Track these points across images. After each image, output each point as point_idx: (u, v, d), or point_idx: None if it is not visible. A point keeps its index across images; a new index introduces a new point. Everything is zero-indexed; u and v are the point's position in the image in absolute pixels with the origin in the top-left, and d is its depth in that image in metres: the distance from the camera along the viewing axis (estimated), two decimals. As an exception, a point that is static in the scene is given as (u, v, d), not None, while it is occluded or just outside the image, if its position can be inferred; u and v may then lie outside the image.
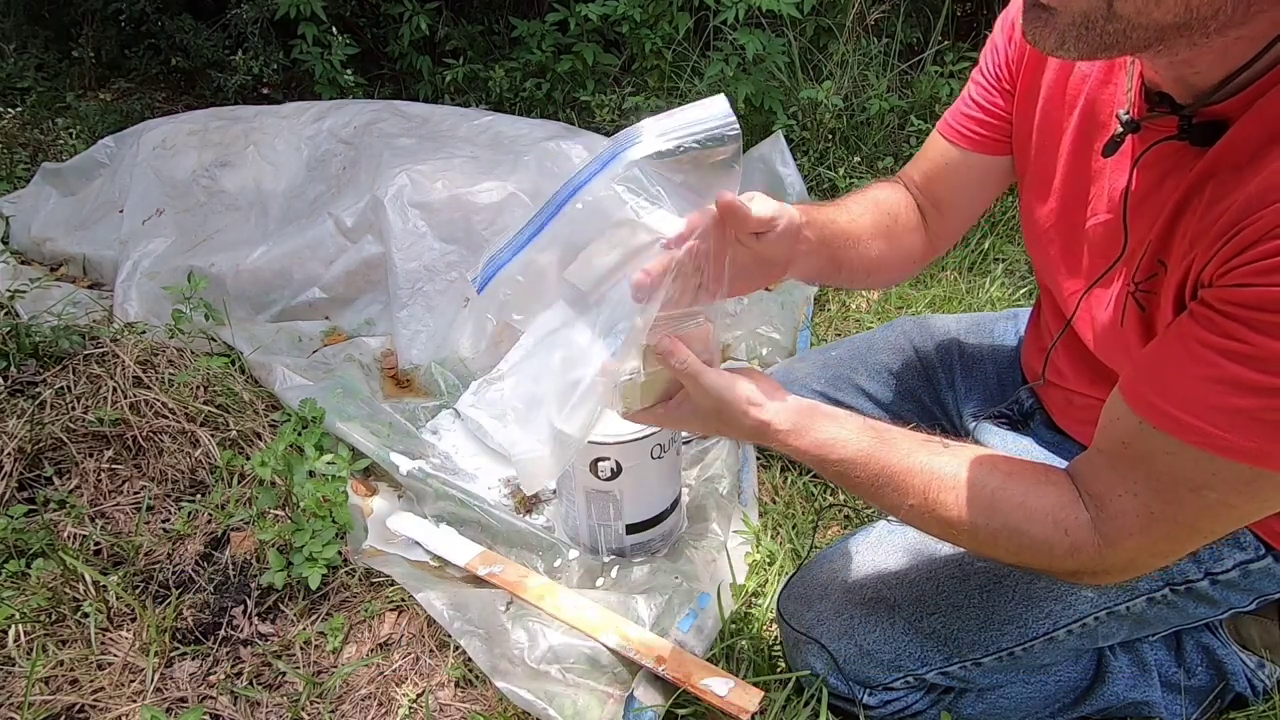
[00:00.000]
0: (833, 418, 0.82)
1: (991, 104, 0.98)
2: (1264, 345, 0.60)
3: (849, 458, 0.80)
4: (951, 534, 0.79)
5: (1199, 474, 0.66)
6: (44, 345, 1.57)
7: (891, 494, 0.80)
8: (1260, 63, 0.61)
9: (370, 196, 1.77)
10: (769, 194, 0.85)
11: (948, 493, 0.77)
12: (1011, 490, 0.76)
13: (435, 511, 1.33)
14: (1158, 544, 0.71)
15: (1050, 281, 0.97)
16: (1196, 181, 0.68)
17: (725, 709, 0.98)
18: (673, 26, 2.67)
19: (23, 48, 3.52)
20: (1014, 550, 0.76)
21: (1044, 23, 0.62)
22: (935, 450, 0.80)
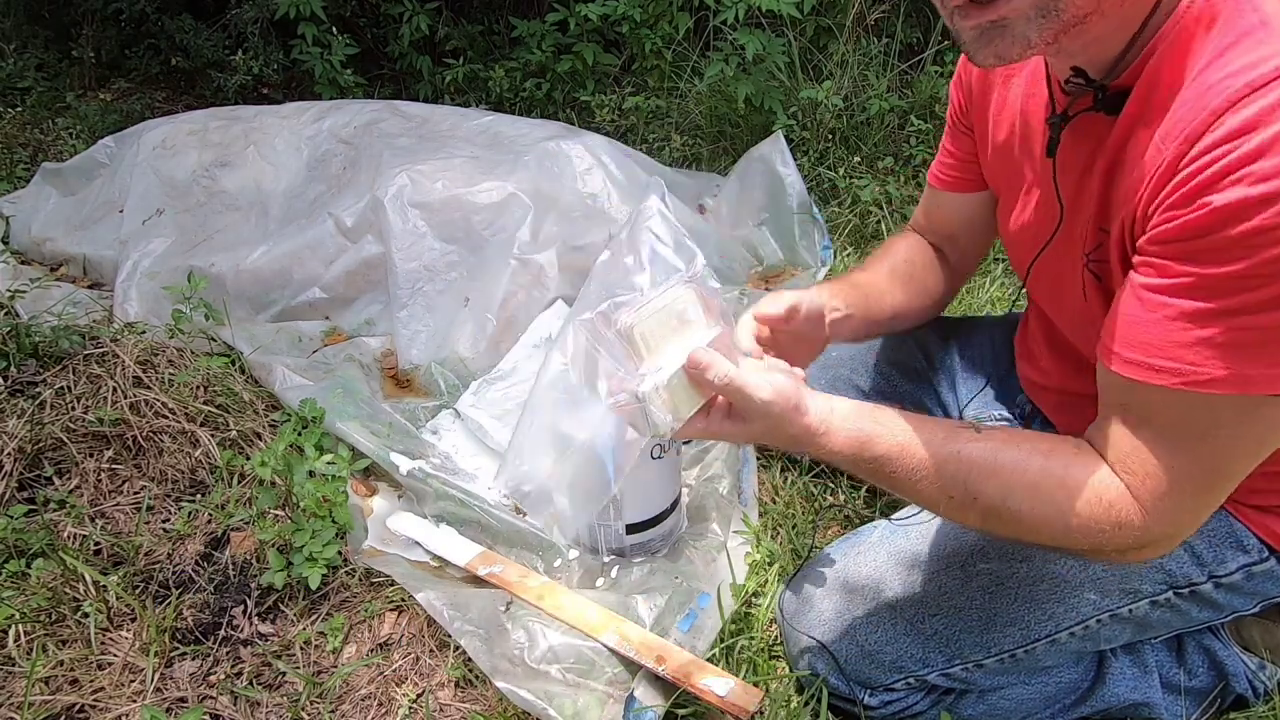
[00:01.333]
0: (865, 413, 0.80)
1: (959, 147, 1.07)
2: (1199, 272, 0.63)
3: (884, 454, 0.78)
4: (995, 523, 0.77)
5: (1198, 419, 0.67)
6: (44, 345, 1.57)
7: (930, 488, 0.78)
8: (1148, 28, 0.68)
9: (370, 196, 1.77)
10: (793, 270, 0.92)
11: (988, 481, 0.75)
12: (1052, 468, 0.74)
13: (435, 511, 1.33)
14: (1192, 498, 0.71)
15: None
16: (1117, 146, 0.73)
17: (725, 709, 0.98)
18: (673, 26, 2.67)
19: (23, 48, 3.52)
20: (1063, 532, 0.74)
21: (1000, 36, 0.67)
22: (970, 438, 0.78)
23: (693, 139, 2.62)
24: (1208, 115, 0.62)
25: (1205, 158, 0.62)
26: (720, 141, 2.59)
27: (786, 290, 0.98)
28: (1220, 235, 0.61)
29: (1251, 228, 0.60)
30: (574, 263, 1.71)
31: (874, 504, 1.34)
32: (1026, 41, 0.67)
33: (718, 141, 2.59)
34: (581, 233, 1.75)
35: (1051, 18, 0.66)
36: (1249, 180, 0.59)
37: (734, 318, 0.87)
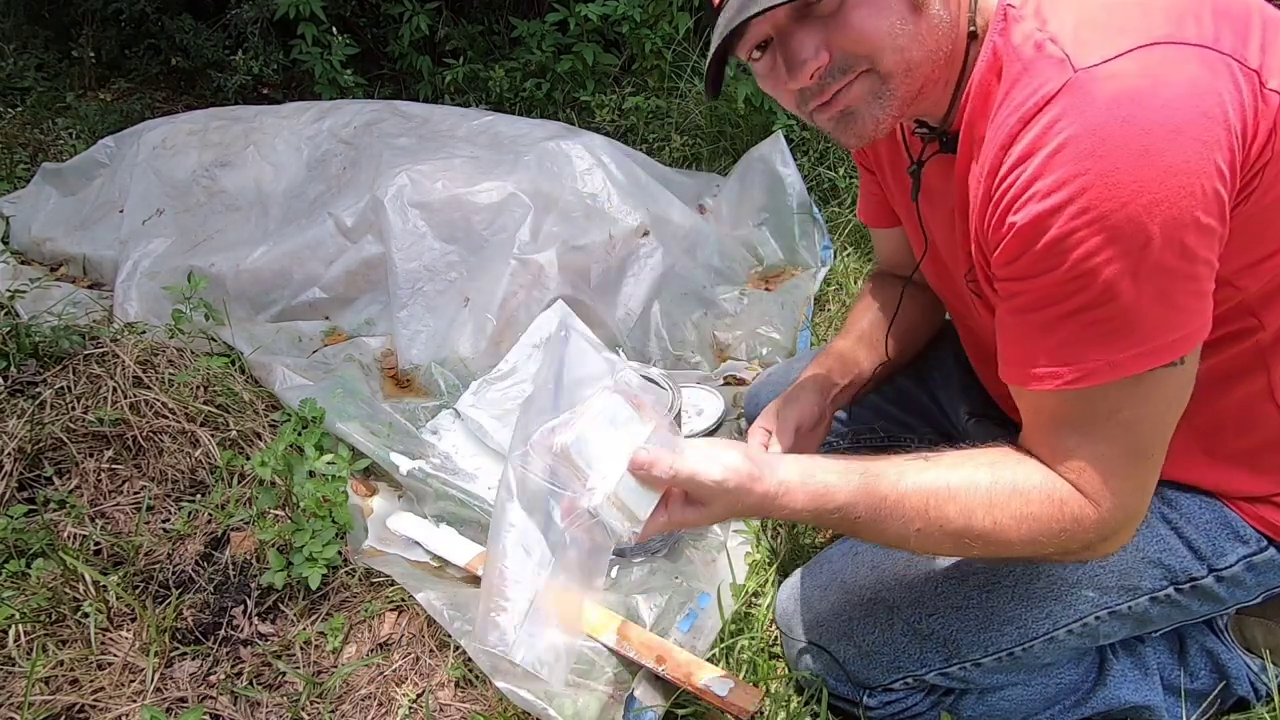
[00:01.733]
0: (817, 467, 0.82)
1: (871, 187, 1.13)
2: (1032, 287, 0.71)
3: (845, 502, 0.80)
4: (966, 545, 0.79)
5: (1096, 408, 0.73)
6: (44, 345, 1.57)
7: (895, 524, 0.80)
8: (963, 83, 0.79)
9: (370, 196, 1.77)
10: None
11: (947, 505, 0.78)
12: (1002, 479, 0.78)
13: (435, 511, 1.33)
14: (1128, 478, 0.75)
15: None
16: (960, 181, 0.82)
17: (725, 709, 0.98)
18: (673, 26, 2.67)
19: (23, 48, 3.52)
20: (1029, 539, 0.77)
21: (853, 122, 0.79)
22: (920, 468, 0.81)
23: (693, 139, 2.62)
24: (998, 150, 0.71)
25: (1002, 186, 0.71)
26: (720, 141, 2.59)
27: (784, 409, 1.05)
28: (1032, 250, 0.69)
29: (1051, 238, 0.67)
30: (574, 263, 1.72)
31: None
32: (876, 121, 0.78)
33: (718, 141, 2.59)
34: (581, 232, 1.76)
35: (887, 98, 0.76)
36: (1037, 197, 0.67)
37: (672, 390, 0.91)
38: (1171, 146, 0.63)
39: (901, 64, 0.74)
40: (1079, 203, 0.65)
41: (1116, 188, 0.64)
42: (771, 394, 1.32)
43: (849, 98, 0.76)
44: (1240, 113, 0.65)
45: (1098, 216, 0.65)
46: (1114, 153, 0.63)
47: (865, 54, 0.74)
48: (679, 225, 1.94)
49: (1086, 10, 0.70)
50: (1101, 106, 0.64)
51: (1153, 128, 0.63)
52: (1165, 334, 0.69)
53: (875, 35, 0.73)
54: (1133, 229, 0.64)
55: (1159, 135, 0.63)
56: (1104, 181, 0.64)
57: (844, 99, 0.77)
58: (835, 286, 2.01)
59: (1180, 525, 0.89)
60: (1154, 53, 0.65)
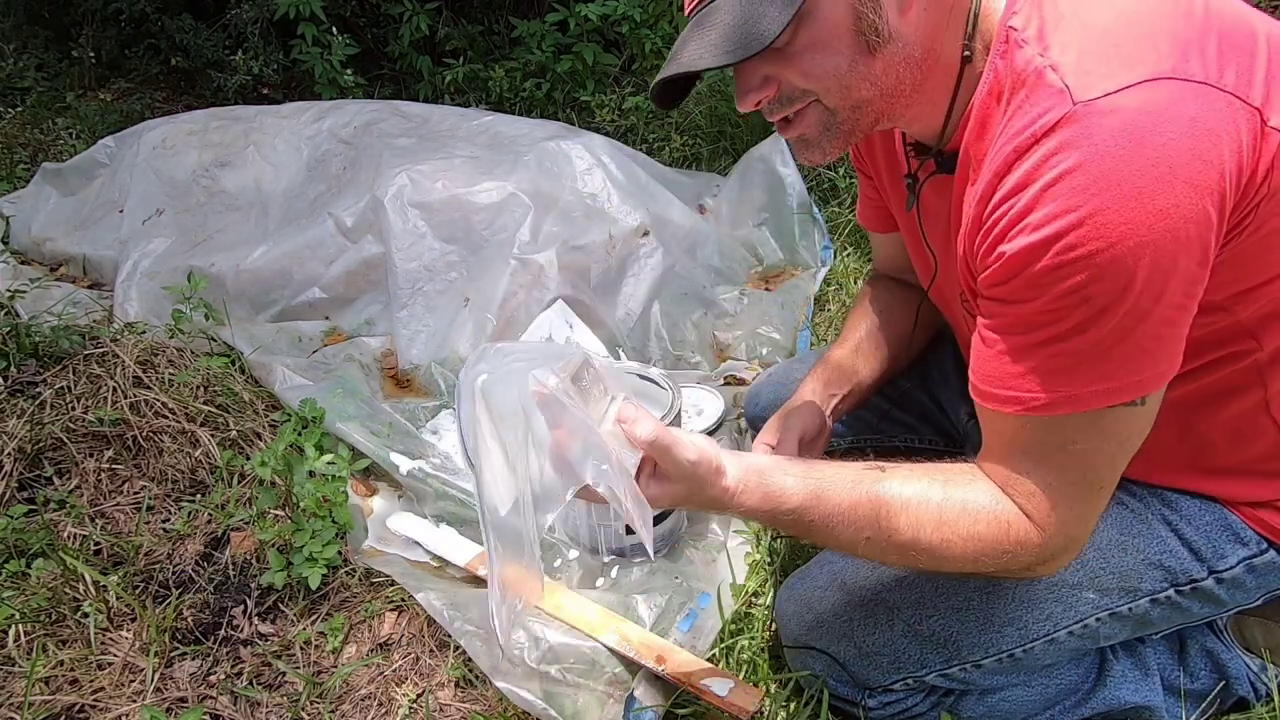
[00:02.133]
0: (776, 469, 0.83)
1: (869, 191, 1.13)
2: (1011, 312, 0.72)
3: (798, 505, 0.81)
4: (912, 557, 0.81)
5: (1051, 438, 0.74)
6: (44, 345, 1.57)
7: (847, 530, 0.81)
8: (959, 100, 0.80)
9: (370, 196, 1.77)
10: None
11: (898, 516, 0.79)
12: (952, 496, 0.79)
13: (435, 511, 1.33)
14: (1073, 509, 0.76)
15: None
16: (958, 203, 0.82)
17: (725, 709, 0.98)
18: (673, 26, 2.68)
19: (23, 48, 3.52)
20: (972, 557, 0.79)
21: (806, 148, 0.82)
22: (876, 478, 0.82)
23: (693, 139, 2.62)
24: (993, 177, 0.71)
25: (994, 214, 0.71)
26: (720, 141, 2.59)
27: (785, 423, 1.05)
28: (1017, 279, 0.70)
29: (1039, 269, 0.68)
30: (574, 263, 1.72)
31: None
32: (824, 150, 0.81)
33: (718, 141, 2.59)
34: (581, 232, 1.76)
35: (835, 130, 0.79)
36: (1028, 230, 0.67)
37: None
38: (1164, 189, 0.63)
39: (847, 102, 0.76)
40: (1068, 239, 0.65)
41: (1106, 227, 0.64)
42: (771, 394, 1.32)
43: (802, 126, 0.80)
44: (1237, 155, 0.65)
45: (1084, 255, 0.65)
46: (1106, 191, 0.64)
47: (811, 88, 0.76)
48: (679, 225, 1.94)
49: (1090, 38, 0.69)
50: (1099, 142, 0.64)
51: (1148, 168, 0.63)
52: (1130, 374, 0.69)
53: (820, 75, 0.75)
54: (1116, 269, 0.65)
55: (1153, 176, 0.63)
56: (1095, 220, 0.64)
57: (798, 126, 0.80)
58: (835, 286, 2.01)
59: (1180, 527, 0.89)
60: (1157, 89, 0.64)
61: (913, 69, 0.76)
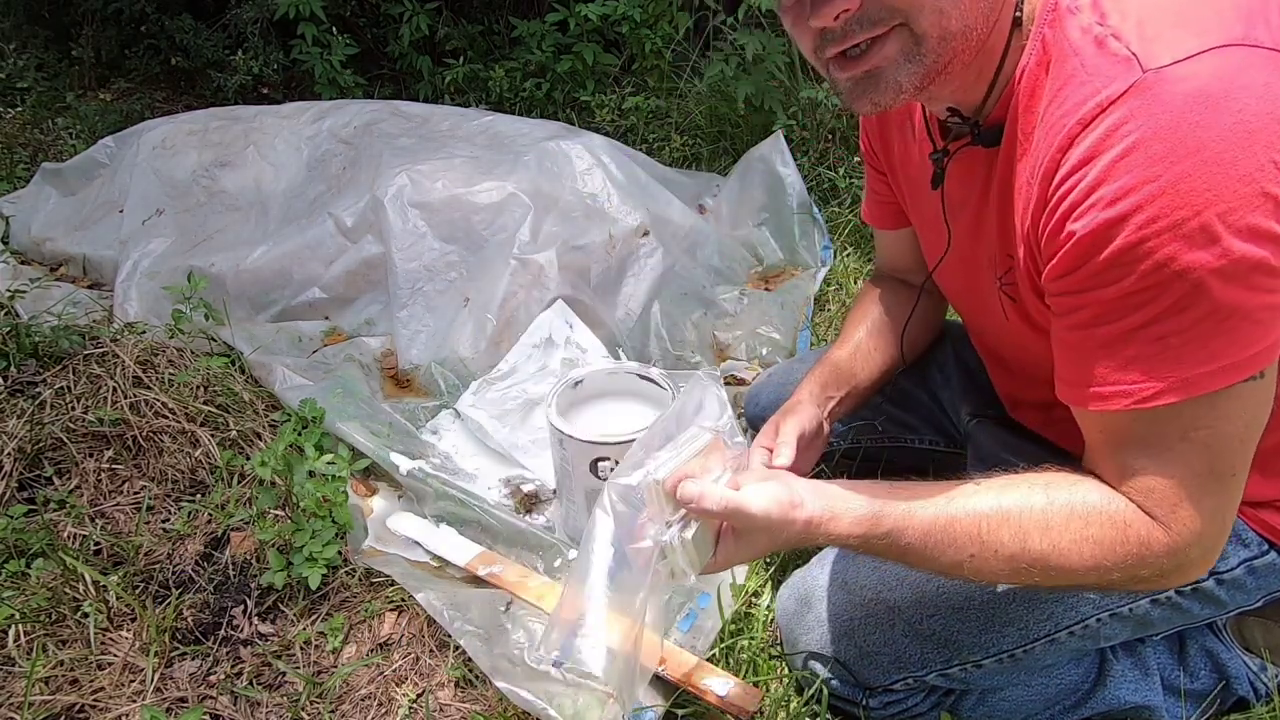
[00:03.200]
0: (862, 490, 0.79)
1: (879, 185, 1.11)
2: (1095, 300, 0.68)
3: (892, 528, 0.77)
4: (1024, 571, 0.76)
5: (1169, 429, 0.69)
6: (44, 345, 1.57)
7: (947, 551, 0.77)
8: (1004, 69, 0.76)
9: (370, 196, 1.77)
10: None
11: (1000, 528, 0.75)
12: (1057, 500, 0.74)
13: (435, 511, 1.33)
14: (1202, 502, 0.71)
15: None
16: (1004, 179, 0.78)
17: (725, 709, 0.98)
18: (673, 26, 2.68)
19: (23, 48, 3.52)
20: (1092, 564, 0.73)
21: (873, 87, 0.74)
22: (970, 492, 0.77)
23: (693, 139, 2.62)
24: (1055, 152, 0.68)
25: (1060, 191, 0.68)
26: (720, 141, 2.59)
27: (784, 423, 1.00)
28: (1094, 261, 0.66)
29: (1117, 248, 0.64)
30: (574, 263, 1.72)
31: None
32: (898, 87, 0.73)
33: (718, 141, 2.59)
34: (581, 233, 1.76)
35: (918, 62, 0.71)
36: (1101, 204, 0.64)
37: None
38: (1245, 154, 0.60)
39: (938, 28, 0.69)
40: (1148, 210, 0.62)
41: (1190, 194, 0.60)
42: (771, 394, 1.32)
43: (879, 57, 0.71)
44: None
45: (1169, 225, 0.61)
46: (1187, 158, 0.60)
47: (903, 7, 0.68)
48: (679, 225, 1.94)
49: (1148, 5, 0.66)
50: (1174, 110, 0.61)
51: (1226, 134, 0.60)
52: (1243, 349, 0.65)
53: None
54: (1206, 238, 0.61)
55: (1233, 141, 0.60)
56: (1176, 188, 0.61)
57: (873, 57, 0.71)
58: (835, 286, 2.01)
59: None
60: (1228, 55, 0.62)
61: (985, 18, 0.71)
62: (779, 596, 1.07)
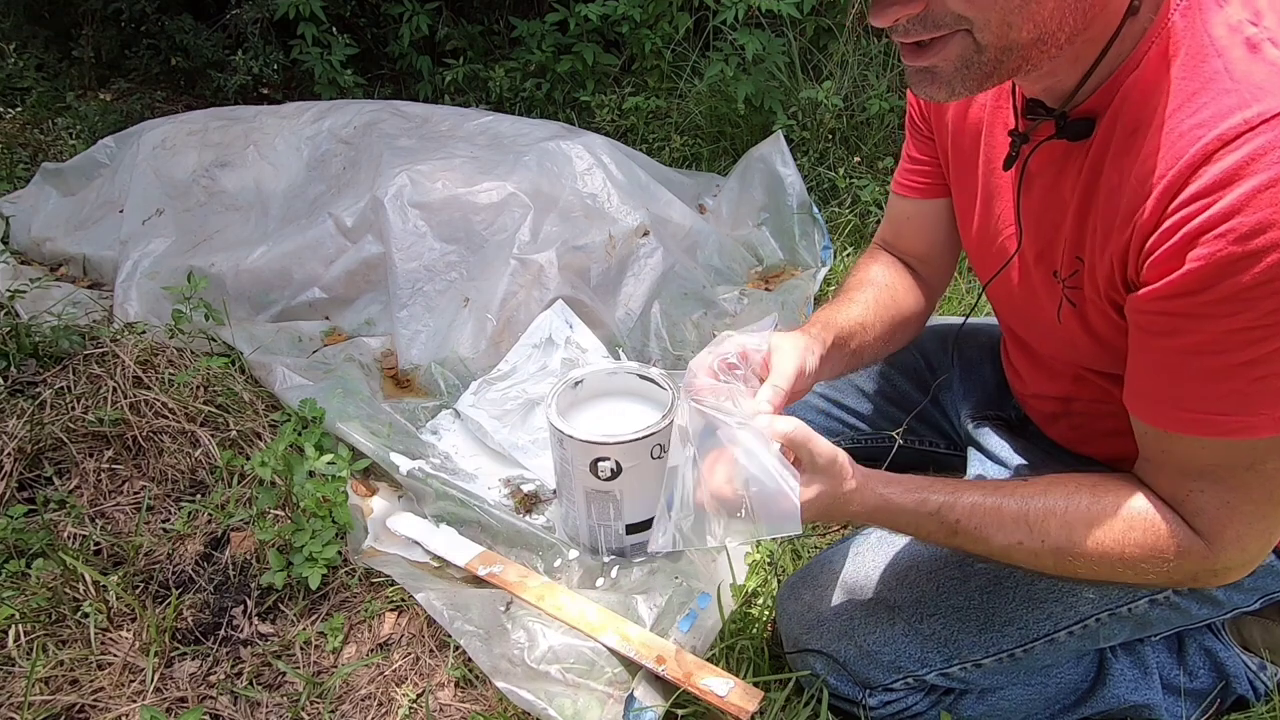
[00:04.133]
0: (910, 477, 0.82)
1: (922, 153, 1.04)
2: (1207, 328, 0.64)
3: (944, 503, 0.79)
4: (1069, 563, 0.77)
5: (1240, 458, 0.68)
6: (44, 345, 1.57)
7: (998, 533, 0.78)
8: (1106, 59, 0.69)
9: (370, 196, 1.77)
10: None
11: (1048, 519, 0.77)
12: (1104, 502, 0.76)
13: (435, 511, 1.33)
14: (1253, 525, 0.71)
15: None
16: (1090, 177, 0.74)
17: (725, 709, 0.98)
18: (673, 26, 2.67)
19: (23, 48, 3.51)
20: (1131, 564, 0.75)
21: (931, 81, 0.70)
22: (1014, 487, 0.79)
23: (693, 139, 2.62)
24: (1184, 167, 0.62)
25: (1185, 211, 0.62)
26: (720, 141, 2.59)
27: (779, 353, 0.90)
28: (1215, 290, 0.62)
29: (1244, 283, 0.60)
30: (574, 263, 1.72)
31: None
32: (952, 89, 0.69)
33: (718, 141, 2.59)
34: (581, 233, 1.76)
35: (976, 69, 0.67)
36: (1231, 237, 0.59)
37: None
38: None
39: (1003, 39, 0.64)
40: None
41: None
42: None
43: (939, 56, 0.67)
44: None
45: None
46: None
47: (969, 15, 0.64)
48: (679, 225, 1.94)
49: None
50: None
51: None
52: None
53: (986, 3, 0.62)
54: None
55: None
56: None
57: (934, 55, 0.68)
58: (835, 286, 2.01)
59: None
60: None
61: (1079, 15, 0.64)
62: (779, 596, 1.07)
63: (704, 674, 1.01)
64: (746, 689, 1.00)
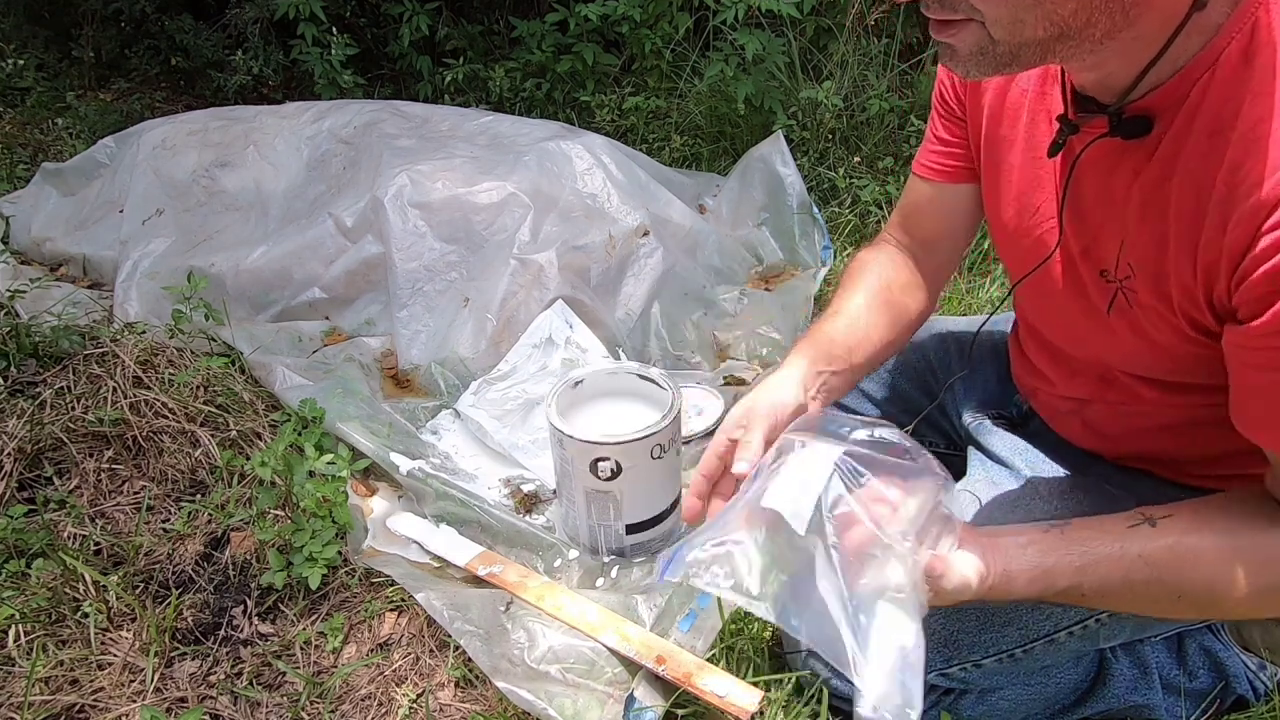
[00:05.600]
0: (1031, 540, 0.75)
1: (950, 134, 1.01)
2: None
3: (1069, 585, 0.74)
4: (1214, 610, 0.74)
5: None
6: (44, 345, 1.57)
7: (1128, 597, 0.75)
8: (1166, 58, 0.64)
9: (370, 196, 1.77)
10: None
11: (1185, 573, 0.72)
12: (1248, 543, 0.71)
13: (435, 511, 1.33)
14: None
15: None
16: (1156, 180, 0.70)
17: (725, 709, 0.98)
18: (673, 26, 2.67)
19: (23, 48, 3.51)
20: (1270, 607, 0.72)
21: (950, 57, 0.69)
22: (1147, 535, 0.73)
23: (693, 139, 2.62)
24: (1277, 186, 0.58)
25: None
26: (720, 141, 2.59)
27: (756, 419, 0.85)
28: None
29: None
30: (574, 262, 1.72)
31: (874, 504, 1.34)
32: (967, 70, 0.68)
33: (718, 141, 2.59)
34: (581, 233, 1.76)
35: (990, 58, 0.65)
36: None
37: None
38: None
39: (1015, 36, 0.63)
40: None
41: None
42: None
43: (956, 39, 0.66)
44: None
45: None
46: None
47: (978, 8, 0.62)
48: (679, 225, 1.94)
49: None
50: None
51: None
52: None
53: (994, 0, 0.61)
54: None
55: None
56: None
57: (950, 34, 0.66)
58: (835, 286, 2.00)
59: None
60: None
61: (1111, 15, 0.61)
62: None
63: (704, 674, 1.01)
64: (746, 689, 0.99)
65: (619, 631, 1.07)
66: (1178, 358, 0.77)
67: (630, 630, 1.07)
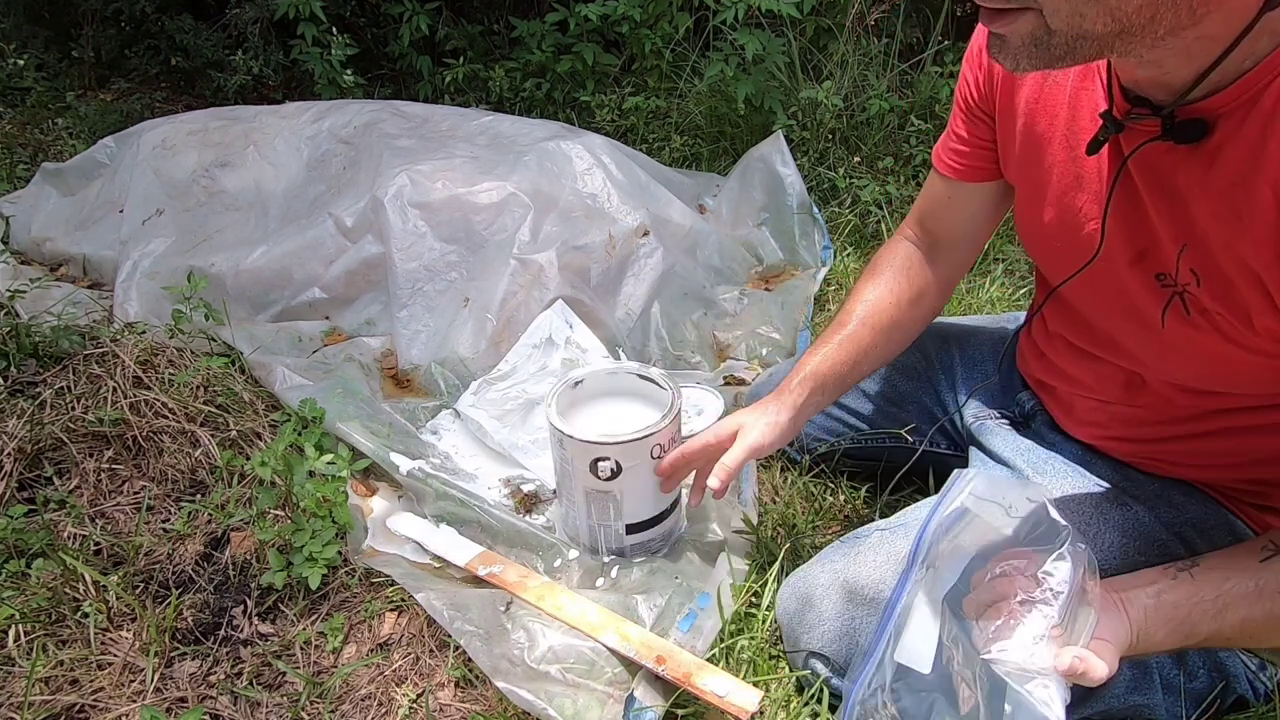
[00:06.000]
0: (1166, 594, 0.74)
1: (973, 134, 0.99)
2: None
3: (1211, 633, 0.74)
4: None
5: None
6: (44, 345, 1.57)
7: (1273, 634, 0.73)
8: (1230, 60, 0.63)
9: (370, 196, 1.77)
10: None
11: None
12: None
13: (435, 511, 1.33)
14: None
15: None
16: (1228, 187, 0.67)
17: (725, 709, 0.98)
18: (673, 26, 2.68)
19: (23, 48, 3.51)
20: None
21: (1000, 49, 0.67)
22: (1248, 598, 0.73)
23: (693, 139, 2.62)
24: None
25: None
26: (720, 141, 2.59)
27: (744, 441, 1.00)
28: None
29: None
30: (574, 262, 1.72)
31: (874, 504, 1.34)
32: (1017, 63, 0.66)
33: (718, 141, 2.59)
34: (581, 233, 1.76)
35: (1044, 50, 0.64)
36: None
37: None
38: None
39: (1074, 28, 0.61)
40: None
41: None
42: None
43: (1009, 28, 0.64)
44: None
45: None
46: None
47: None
48: (679, 225, 1.94)
49: None
50: None
51: None
52: None
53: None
54: None
55: None
56: None
57: (1005, 24, 0.64)
58: (835, 286, 2.01)
59: (1183, 529, 0.89)
60: None
61: (1178, 12, 0.59)
62: (779, 596, 1.07)
63: (704, 674, 1.01)
64: (746, 689, 0.99)
65: (619, 631, 1.07)
66: (1232, 365, 0.75)
67: (630, 630, 1.07)
